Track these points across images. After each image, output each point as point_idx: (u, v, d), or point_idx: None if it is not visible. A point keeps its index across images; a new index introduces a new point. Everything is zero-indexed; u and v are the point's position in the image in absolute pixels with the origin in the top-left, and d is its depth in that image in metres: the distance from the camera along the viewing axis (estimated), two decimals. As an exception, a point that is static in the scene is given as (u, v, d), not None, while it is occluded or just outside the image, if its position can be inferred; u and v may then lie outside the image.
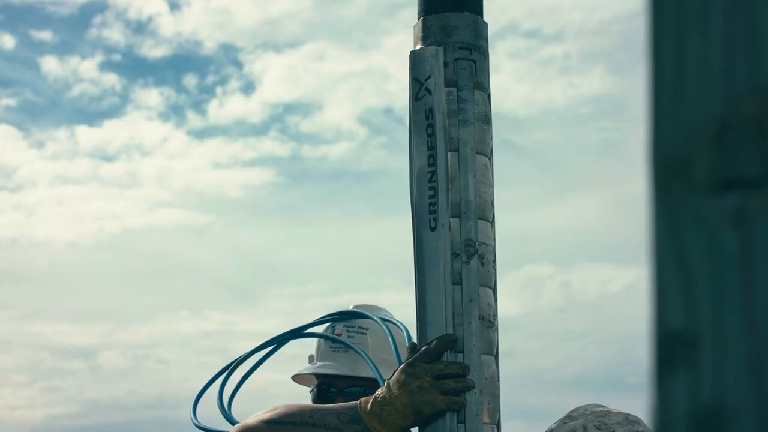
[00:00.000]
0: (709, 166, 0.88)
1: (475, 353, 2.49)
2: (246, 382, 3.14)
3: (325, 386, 3.31)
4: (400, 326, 3.12)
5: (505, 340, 2.58)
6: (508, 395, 2.60)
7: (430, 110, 2.53)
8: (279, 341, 3.19)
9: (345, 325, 3.32)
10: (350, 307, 3.42)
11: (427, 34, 2.59)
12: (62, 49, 18.57)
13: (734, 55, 0.88)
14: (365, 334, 3.30)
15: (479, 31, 2.60)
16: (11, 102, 18.38)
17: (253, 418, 2.70)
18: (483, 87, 2.60)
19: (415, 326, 2.54)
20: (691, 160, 0.88)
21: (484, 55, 2.61)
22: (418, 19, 2.61)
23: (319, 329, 3.37)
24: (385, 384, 2.53)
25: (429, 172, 2.53)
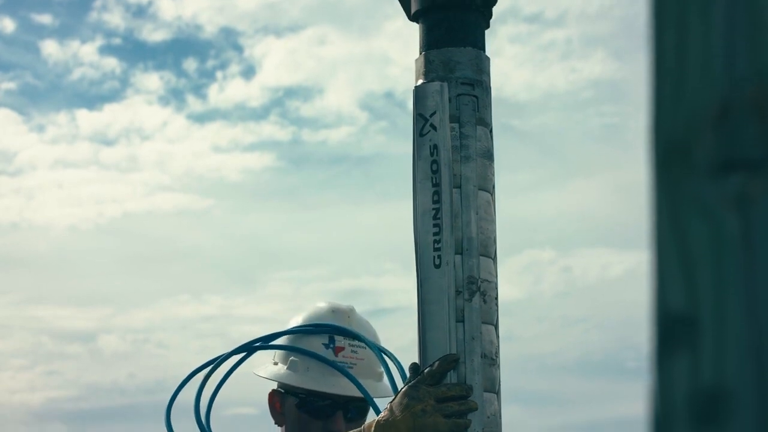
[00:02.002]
0: (711, 149, 0.87)
1: (477, 391, 2.48)
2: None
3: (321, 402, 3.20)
4: (393, 358, 3.09)
5: (505, 325, 2.58)
6: (509, 380, 2.61)
7: (435, 147, 2.53)
8: (250, 349, 3.16)
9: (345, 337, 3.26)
10: (320, 304, 3.33)
11: (429, 69, 2.59)
12: (62, 33, 18.65)
13: (735, 38, 0.87)
14: (365, 348, 3.25)
15: (481, 66, 2.60)
16: (11, 86, 18.42)
17: None
18: (485, 122, 2.60)
19: (417, 359, 2.53)
20: (692, 143, 0.88)
21: (486, 90, 2.61)
22: (420, 54, 2.62)
23: (306, 341, 3.25)
24: (388, 407, 2.52)
25: (433, 209, 2.52)
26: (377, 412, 3.04)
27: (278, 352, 3.26)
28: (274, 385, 3.27)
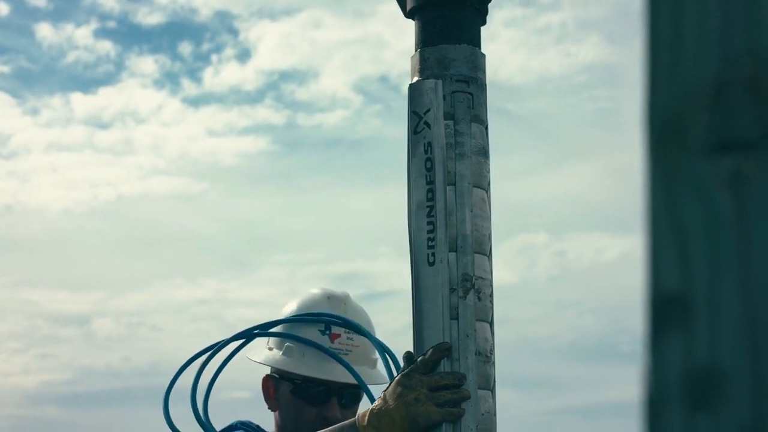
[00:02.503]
0: (706, 128, 0.87)
1: (471, 388, 2.48)
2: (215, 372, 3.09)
3: (316, 387, 3.19)
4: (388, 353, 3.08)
5: (499, 309, 2.58)
6: (502, 364, 2.61)
7: (429, 144, 2.53)
8: (249, 336, 3.15)
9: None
10: (315, 290, 3.32)
11: (424, 66, 2.59)
12: (57, 16, 18.65)
13: (731, 16, 0.87)
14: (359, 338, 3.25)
15: (477, 63, 2.60)
16: (5, 69, 18.44)
17: None
18: (480, 119, 2.60)
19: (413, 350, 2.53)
20: (687, 122, 0.88)
21: (482, 87, 2.61)
22: (416, 51, 2.62)
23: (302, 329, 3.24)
24: (382, 395, 2.53)
25: (427, 206, 2.52)
26: (371, 399, 3.04)
27: (273, 337, 3.26)
28: (268, 370, 3.26)
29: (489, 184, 2.62)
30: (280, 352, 3.21)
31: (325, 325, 3.21)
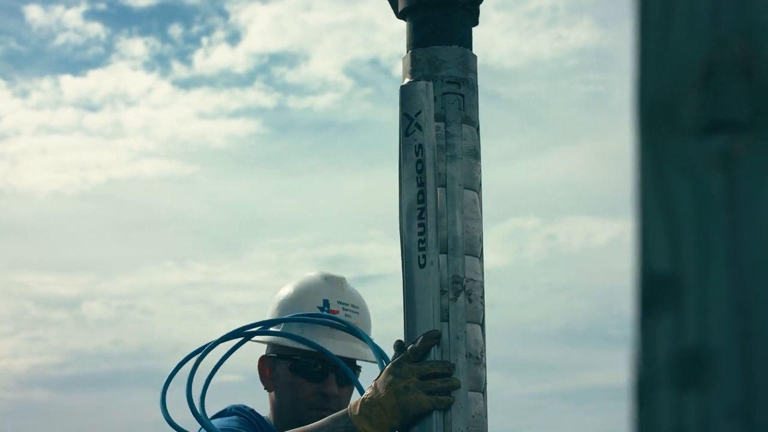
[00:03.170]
0: (696, 108, 0.87)
1: (462, 390, 2.47)
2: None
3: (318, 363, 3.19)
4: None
5: (489, 293, 2.58)
6: (493, 348, 2.61)
7: (420, 146, 2.52)
8: (248, 335, 3.14)
9: (339, 302, 3.26)
10: (311, 273, 3.32)
11: (415, 68, 2.59)
12: None
13: (721, -3, 0.87)
14: (357, 313, 3.27)
15: (468, 64, 2.60)
16: None
17: None
18: (471, 121, 2.60)
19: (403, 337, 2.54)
20: (677, 102, 0.87)
21: (473, 88, 2.61)
22: (407, 52, 2.62)
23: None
24: (373, 384, 2.54)
25: (419, 208, 2.52)
26: (381, 366, 3.02)
27: (271, 314, 3.27)
28: (263, 352, 3.26)
29: (480, 186, 2.61)
30: (279, 330, 3.22)
31: (323, 302, 3.22)
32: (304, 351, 3.16)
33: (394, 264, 2.56)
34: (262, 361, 3.25)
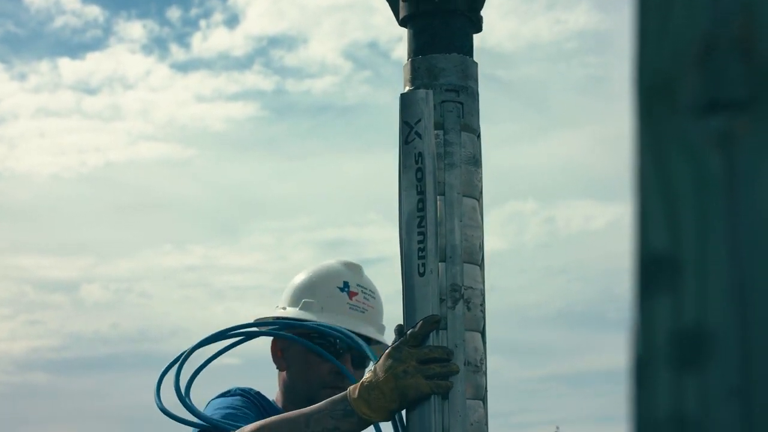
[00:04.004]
0: (695, 88, 0.87)
1: (459, 398, 2.48)
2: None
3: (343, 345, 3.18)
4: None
5: (488, 276, 2.59)
6: (492, 331, 2.62)
7: (420, 155, 2.53)
8: (250, 335, 3.13)
9: (359, 285, 3.25)
10: (330, 261, 3.32)
11: (415, 76, 2.60)
12: None
13: (720, -23, 0.87)
14: (374, 298, 3.28)
15: (467, 72, 2.61)
16: None
17: None
18: (471, 128, 2.60)
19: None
20: (676, 81, 0.88)
21: (473, 95, 2.61)
22: (408, 60, 2.63)
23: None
24: (373, 368, 2.56)
25: (418, 216, 2.53)
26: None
27: (289, 295, 3.26)
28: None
29: (481, 193, 2.62)
30: (297, 308, 3.21)
31: (343, 283, 3.22)
32: (322, 330, 3.15)
33: (393, 247, 2.57)
34: (276, 340, 3.24)
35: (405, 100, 2.57)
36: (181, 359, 2.98)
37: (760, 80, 0.86)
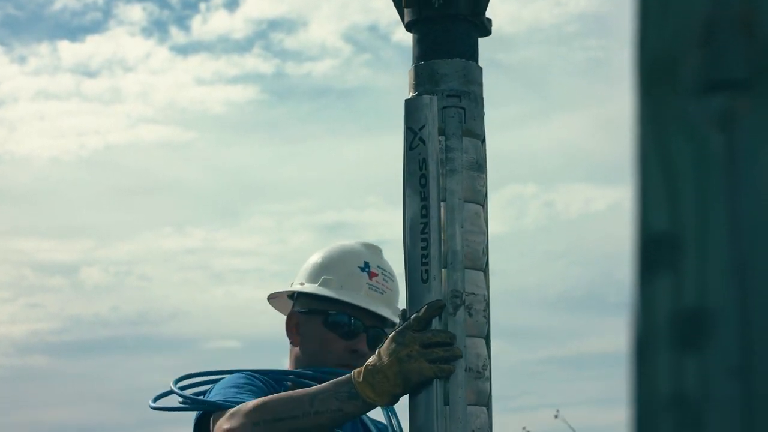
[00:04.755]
0: (696, 67, 0.87)
1: (460, 405, 2.47)
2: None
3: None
4: None
5: (489, 260, 2.57)
6: (492, 314, 2.61)
7: (424, 161, 2.53)
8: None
9: (379, 266, 3.23)
10: (349, 242, 3.30)
11: (418, 82, 2.60)
12: None
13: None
14: (393, 281, 3.24)
15: (470, 76, 2.60)
16: None
17: (240, 418, 2.66)
18: (474, 133, 2.60)
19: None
20: (677, 61, 0.88)
21: (476, 100, 2.61)
22: (412, 66, 2.63)
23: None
24: (377, 352, 2.56)
25: (422, 223, 2.52)
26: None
27: (307, 272, 3.23)
28: (288, 309, 3.24)
29: (485, 198, 2.61)
30: (317, 284, 3.19)
31: (364, 263, 3.21)
32: (340, 307, 3.14)
33: (393, 230, 2.57)
34: (293, 315, 3.21)
35: (409, 106, 2.57)
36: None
37: (761, 60, 0.86)
